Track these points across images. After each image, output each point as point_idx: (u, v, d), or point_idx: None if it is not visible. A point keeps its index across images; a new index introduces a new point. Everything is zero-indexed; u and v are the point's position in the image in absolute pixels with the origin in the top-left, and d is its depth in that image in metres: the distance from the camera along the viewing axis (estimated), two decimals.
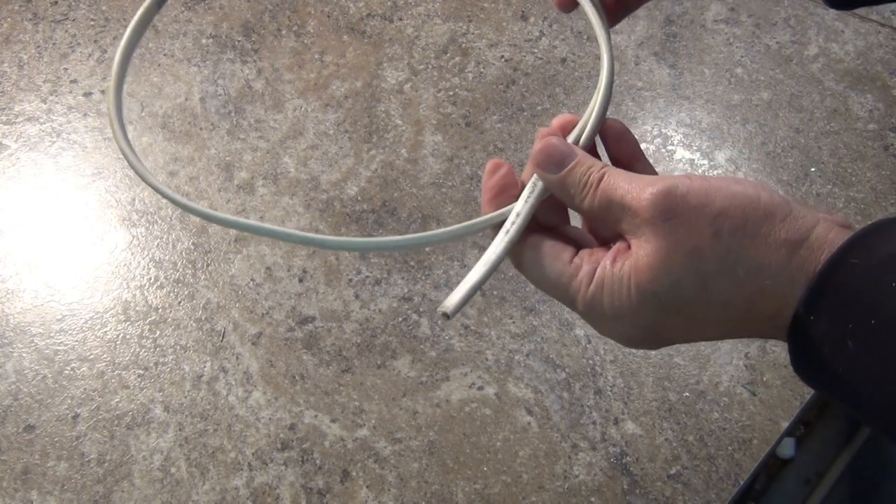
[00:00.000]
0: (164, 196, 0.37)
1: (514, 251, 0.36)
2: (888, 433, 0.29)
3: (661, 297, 0.31)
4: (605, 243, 0.35)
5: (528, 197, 0.36)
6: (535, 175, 0.36)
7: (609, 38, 0.40)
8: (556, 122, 0.37)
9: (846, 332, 0.28)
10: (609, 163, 0.37)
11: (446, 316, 0.34)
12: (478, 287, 0.34)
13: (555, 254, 0.34)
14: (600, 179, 0.33)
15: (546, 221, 0.37)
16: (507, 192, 0.36)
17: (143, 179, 0.37)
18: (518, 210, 0.36)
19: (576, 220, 0.38)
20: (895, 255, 0.28)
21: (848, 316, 0.28)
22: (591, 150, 0.38)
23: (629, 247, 0.32)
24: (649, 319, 0.32)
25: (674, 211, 0.31)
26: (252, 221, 0.35)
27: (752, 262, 0.30)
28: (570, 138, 0.37)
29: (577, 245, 0.35)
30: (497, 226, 0.36)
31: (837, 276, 0.29)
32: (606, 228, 0.36)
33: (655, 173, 0.37)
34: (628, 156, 0.37)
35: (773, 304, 0.30)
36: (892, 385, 0.27)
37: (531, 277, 0.36)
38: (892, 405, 0.28)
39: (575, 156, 0.35)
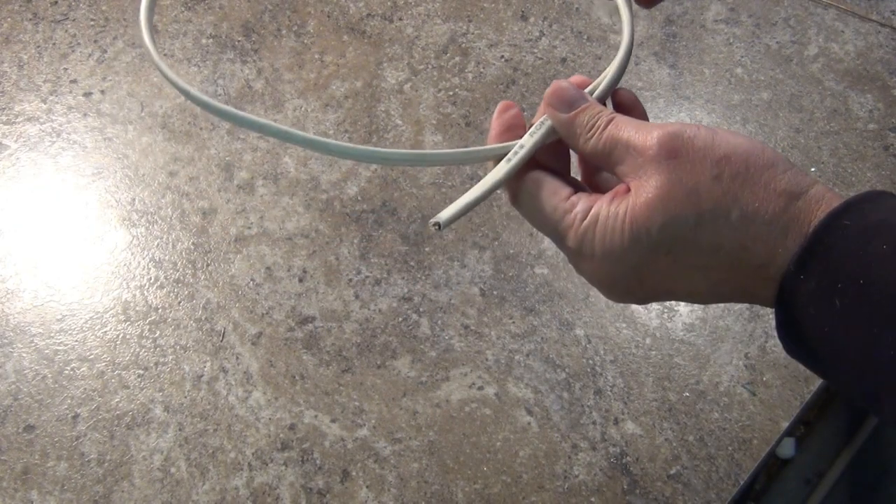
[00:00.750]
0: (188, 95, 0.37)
1: (512, 185, 0.37)
2: (866, 398, 0.30)
3: (653, 235, 0.32)
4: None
5: (535, 133, 0.37)
6: (544, 116, 0.37)
7: (631, 6, 0.40)
8: (573, 78, 0.38)
9: (834, 291, 0.28)
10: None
11: (437, 226, 0.34)
12: (472, 206, 0.35)
13: (553, 189, 0.35)
14: (609, 122, 0.34)
15: (548, 166, 0.38)
16: (514, 131, 0.37)
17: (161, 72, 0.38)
18: (522, 142, 0.36)
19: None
20: (886, 221, 0.29)
21: (837, 276, 0.29)
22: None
23: (628, 189, 0.33)
24: (638, 258, 0.33)
25: (679, 150, 0.32)
26: (263, 120, 0.37)
27: (749, 206, 0.31)
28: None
29: (576, 189, 0.36)
30: (499, 158, 0.37)
31: (829, 237, 0.29)
32: (604, 181, 0.38)
33: None
34: None
35: (764, 252, 0.31)
36: (875, 345, 0.28)
37: (525, 211, 0.37)
38: (874, 366, 0.28)
39: (586, 100, 0.36)
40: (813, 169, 0.77)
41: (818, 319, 0.29)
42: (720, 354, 0.68)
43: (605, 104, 0.39)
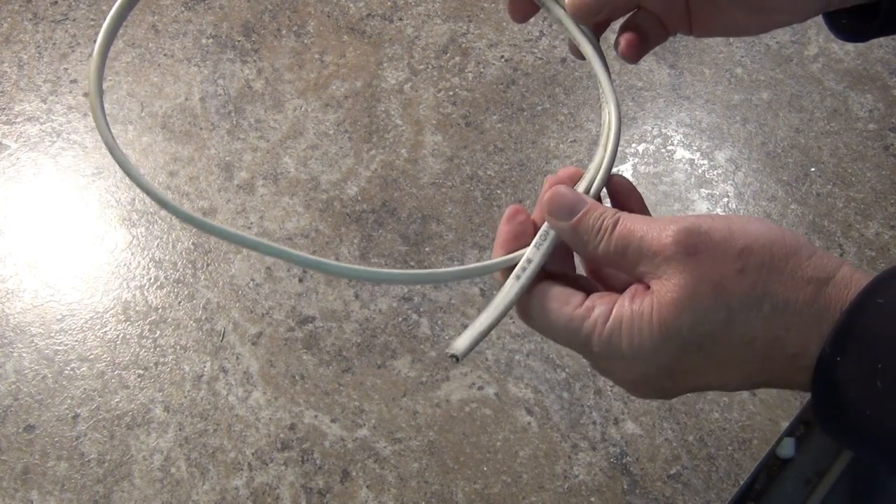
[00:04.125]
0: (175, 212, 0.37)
1: (522, 301, 0.36)
2: None
3: (684, 333, 0.31)
4: (613, 291, 0.34)
5: (541, 244, 0.35)
6: (546, 225, 0.35)
7: (613, 90, 0.38)
8: (563, 171, 0.37)
9: (875, 371, 0.28)
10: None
11: (455, 358, 0.34)
12: (487, 332, 0.34)
13: (564, 299, 0.34)
14: (615, 224, 0.33)
15: (553, 270, 0.36)
16: (521, 239, 0.36)
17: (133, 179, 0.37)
18: (530, 256, 0.35)
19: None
20: None
21: (876, 356, 0.28)
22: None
23: (647, 287, 0.32)
24: (669, 357, 0.32)
25: (697, 247, 0.31)
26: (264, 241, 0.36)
27: (779, 297, 0.30)
28: (578, 189, 0.36)
29: (586, 291, 0.35)
30: (507, 270, 0.36)
31: (863, 317, 0.28)
32: (615, 278, 0.36)
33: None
34: (635, 212, 0.37)
35: (799, 341, 0.30)
36: None
37: (539, 325, 0.35)
38: None
39: (586, 203, 0.34)
40: (813, 169, 0.77)
41: (859, 402, 0.28)
42: None
43: (600, 198, 0.37)
